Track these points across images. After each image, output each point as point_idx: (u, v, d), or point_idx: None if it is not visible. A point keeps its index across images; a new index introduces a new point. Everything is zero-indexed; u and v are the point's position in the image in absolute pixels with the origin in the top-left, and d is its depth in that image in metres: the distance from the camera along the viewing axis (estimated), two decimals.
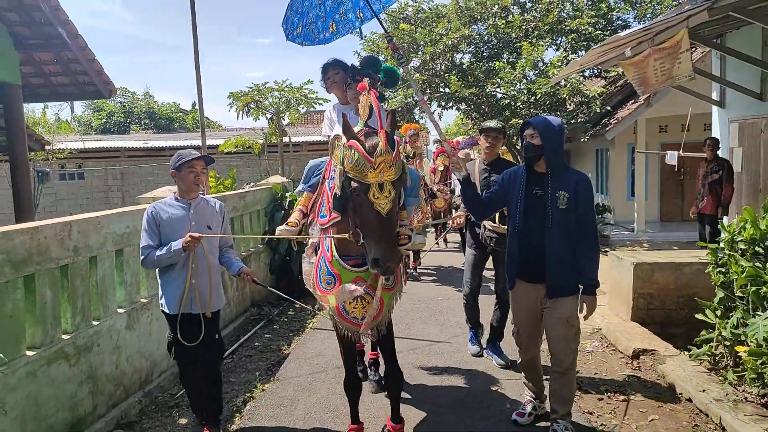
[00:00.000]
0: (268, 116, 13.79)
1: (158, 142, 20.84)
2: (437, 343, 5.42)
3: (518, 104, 13.94)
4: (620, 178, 14.74)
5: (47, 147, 15.57)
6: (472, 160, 5.79)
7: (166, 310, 3.57)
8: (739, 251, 3.86)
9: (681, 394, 4.08)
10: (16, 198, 8.52)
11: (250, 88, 13.29)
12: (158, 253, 3.43)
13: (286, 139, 14.49)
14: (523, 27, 15.07)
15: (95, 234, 3.99)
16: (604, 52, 6.71)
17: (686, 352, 4.58)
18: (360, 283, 3.11)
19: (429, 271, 8.83)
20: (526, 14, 15.51)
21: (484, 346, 5.06)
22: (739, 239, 3.88)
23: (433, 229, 13.44)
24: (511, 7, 15.85)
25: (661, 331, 5.33)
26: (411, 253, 8.59)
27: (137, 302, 4.46)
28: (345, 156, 2.82)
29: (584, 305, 3.36)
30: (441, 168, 9.25)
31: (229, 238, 3.82)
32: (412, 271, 8.43)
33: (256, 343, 5.67)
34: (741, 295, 3.81)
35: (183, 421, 3.98)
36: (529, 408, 3.75)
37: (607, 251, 7.31)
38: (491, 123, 4.77)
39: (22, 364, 3.26)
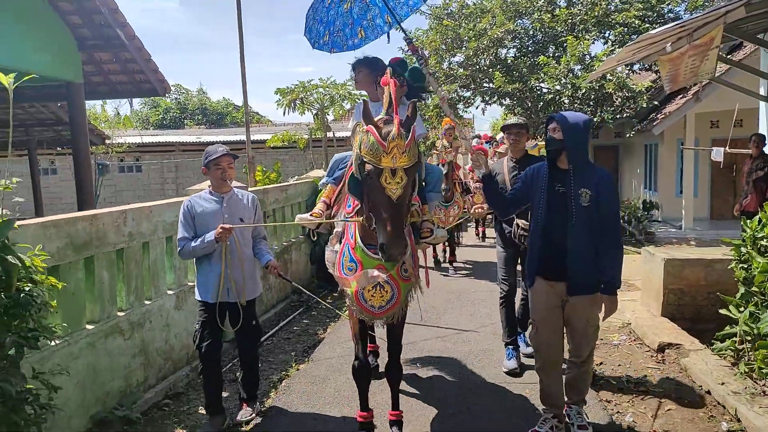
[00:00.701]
0: (314, 112, 14.20)
1: (210, 137, 21.67)
2: (465, 332, 5.62)
3: (563, 99, 13.85)
4: (669, 174, 14.40)
5: (107, 141, 16.50)
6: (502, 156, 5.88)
7: (202, 299, 3.75)
8: (761, 248, 3.88)
9: (701, 386, 4.15)
10: (79, 188, 9.18)
11: (296, 84, 13.72)
12: (193, 244, 3.63)
13: (330, 134, 14.87)
14: (569, 21, 14.90)
15: (147, 222, 4.39)
16: (638, 49, 6.68)
17: (711, 347, 4.61)
18: (381, 271, 3.16)
19: (465, 266, 8.97)
20: (572, 7, 15.32)
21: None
22: (760, 236, 3.91)
23: (474, 225, 13.55)
24: (558, 0, 15.69)
25: (691, 327, 5.34)
26: (447, 248, 8.78)
27: (185, 285, 4.85)
28: (362, 141, 2.92)
29: (603, 305, 3.29)
30: None
31: (262, 229, 4.00)
32: (447, 265, 8.60)
33: (295, 328, 6.00)
34: (757, 290, 3.84)
35: (225, 394, 4.32)
36: (546, 426, 3.52)
37: (641, 248, 7.28)
38: (512, 119, 4.72)
39: (83, 336, 3.66)
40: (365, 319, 3.42)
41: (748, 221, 4.24)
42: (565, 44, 14.17)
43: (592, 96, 13.52)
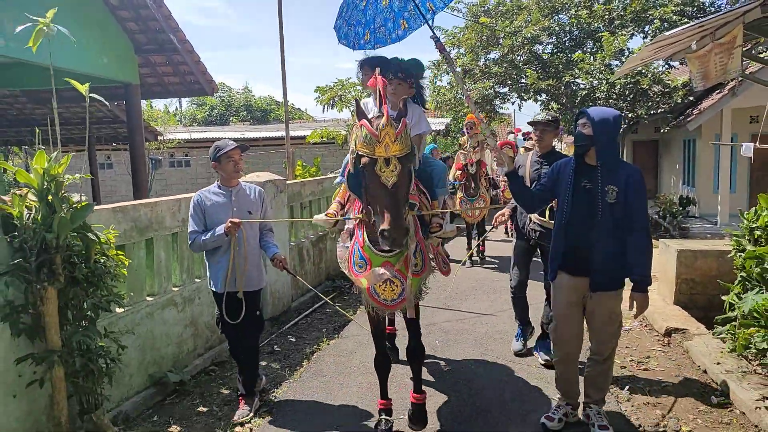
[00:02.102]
0: (351, 109, 14.70)
1: (253, 133, 22.52)
2: (484, 315, 6.02)
3: (598, 95, 13.94)
4: (707, 170, 14.29)
5: (159, 138, 17.47)
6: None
7: (214, 289, 3.90)
8: (758, 237, 4.14)
9: (699, 366, 4.45)
10: (135, 181, 9.99)
11: (335, 82, 14.27)
12: (203, 237, 3.74)
13: None
14: (605, 17, 14.94)
15: None
16: (660, 48, 6.88)
17: (712, 332, 4.88)
18: (388, 267, 3.26)
19: (491, 259, 9.32)
20: (610, 3, 15.33)
21: (533, 345, 4.94)
22: (754, 226, 4.17)
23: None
24: None
25: (703, 316, 5.59)
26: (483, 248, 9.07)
27: None
28: (357, 136, 3.04)
29: (635, 303, 3.22)
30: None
31: (269, 222, 4.15)
32: (478, 252, 8.94)
33: (327, 309, 6.53)
34: (745, 275, 4.11)
35: (263, 363, 4.87)
36: (560, 413, 3.59)
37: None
38: (539, 116, 4.74)
39: (143, 306, 4.26)
40: (379, 312, 3.55)
41: (745, 212, 4.49)
42: (602, 40, 14.24)
43: (627, 92, 13.58)
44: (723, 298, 4.64)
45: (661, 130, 13.60)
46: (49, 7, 3.33)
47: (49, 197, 3.06)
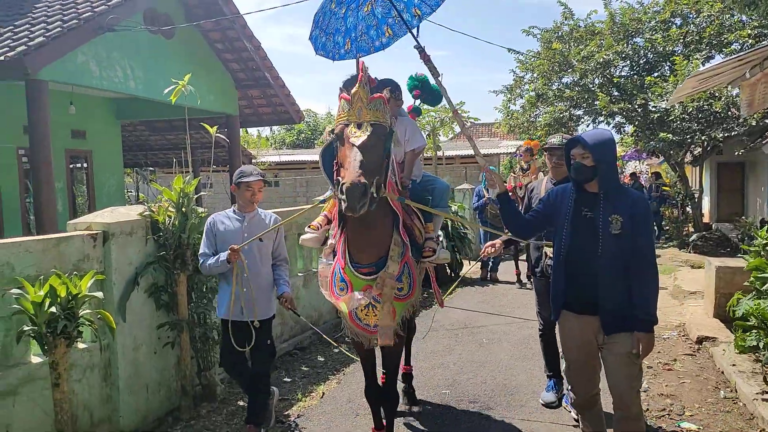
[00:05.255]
0: (426, 133, 15.71)
1: None
2: (530, 320, 6.68)
3: (671, 118, 14.07)
4: None
5: (253, 161, 19.29)
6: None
7: (218, 315, 3.92)
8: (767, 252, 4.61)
9: (719, 368, 4.94)
10: (232, 200, 11.44)
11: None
12: (209, 261, 3.73)
13: (440, 153, 16.29)
14: (679, 41, 15.06)
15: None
16: (704, 78, 7.31)
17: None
18: (368, 291, 3.08)
19: None
20: (685, 26, 15.41)
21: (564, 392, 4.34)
22: (765, 242, 4.63)
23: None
24: (671, 19, 15.83)
25: None
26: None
27: (309, 270, 6.47)
28: (335, 116, 3.06)
29: (639, 343, 2.91)
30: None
31: (284, 251, 4.01)
32: (525, 281, 9.28)
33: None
34: (749, 284, 4.58)
35: (335, 350, 5.83)
36: None
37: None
38: (555, 140, 4.29)
39: None
40: (362, 340, 3.32)
41: (760, 230, 4.95)
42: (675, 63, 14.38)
43: (699, 115, 13.63)
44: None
45: (735, 153, 13.49)
46: (170, 55, 4.62)
47: (183, 209, 4.21)
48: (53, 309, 3.00)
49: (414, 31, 3.52)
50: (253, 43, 10.52)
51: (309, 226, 3.72)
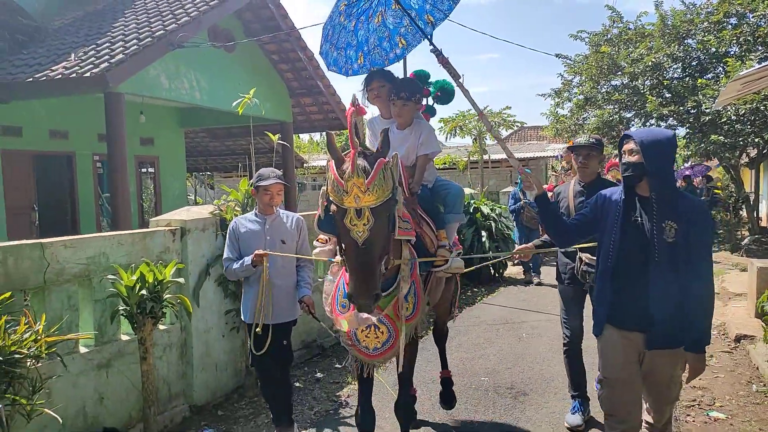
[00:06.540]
0: (472, 137, 16.00)
1: None
2: None
3: (723, 120, 13.85)
4: None
5: (304, 165, 20.05)
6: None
7: (243, 318, 3.92)
8: None
9: (754, 364, 5.08)
10: (286, 201, 12.09)
11: (457, 114, 15.69)
12: (234, 266, 3.73)
13: (486, 157, 16.52)
14: (733, 42, 14.78)
15: None
16: (748, 83, 7.35)
17: None
18: (376, 312, 2.78)
19: None
20: (739, 27, 15.10)
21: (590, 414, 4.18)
22: None
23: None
24: (725, 19, 15.54)
25: None
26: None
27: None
28: (328, 177, 2.64)
29: (687, 364, 2.72)
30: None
31: (308, 253, 3.92)
32: (536, 276, 9.37)
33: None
34: None
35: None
36: None
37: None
38: (581, 140, 4.14)
39: None
40: (359, 362, 3.15)
41: None
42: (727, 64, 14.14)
43: (753, 117, 13.37)
44: None
45: None
46: (231, 67, 5.17)
47: (247, 208, 4.73)
48: (143, 292, 3.54)
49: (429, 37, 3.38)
50: (306, 53, 11.14)
51: (317, 240, 3.50)
